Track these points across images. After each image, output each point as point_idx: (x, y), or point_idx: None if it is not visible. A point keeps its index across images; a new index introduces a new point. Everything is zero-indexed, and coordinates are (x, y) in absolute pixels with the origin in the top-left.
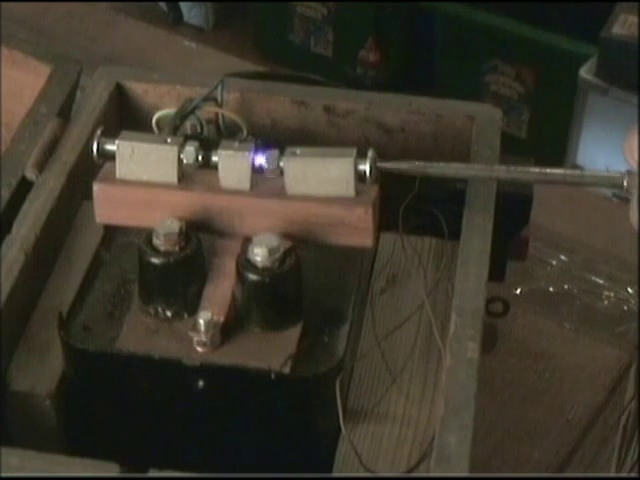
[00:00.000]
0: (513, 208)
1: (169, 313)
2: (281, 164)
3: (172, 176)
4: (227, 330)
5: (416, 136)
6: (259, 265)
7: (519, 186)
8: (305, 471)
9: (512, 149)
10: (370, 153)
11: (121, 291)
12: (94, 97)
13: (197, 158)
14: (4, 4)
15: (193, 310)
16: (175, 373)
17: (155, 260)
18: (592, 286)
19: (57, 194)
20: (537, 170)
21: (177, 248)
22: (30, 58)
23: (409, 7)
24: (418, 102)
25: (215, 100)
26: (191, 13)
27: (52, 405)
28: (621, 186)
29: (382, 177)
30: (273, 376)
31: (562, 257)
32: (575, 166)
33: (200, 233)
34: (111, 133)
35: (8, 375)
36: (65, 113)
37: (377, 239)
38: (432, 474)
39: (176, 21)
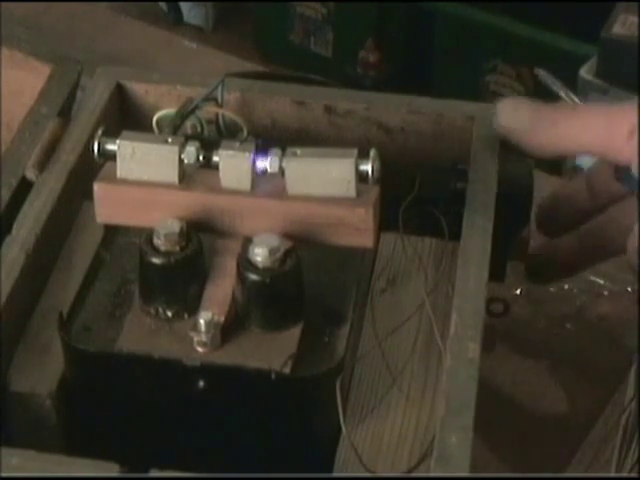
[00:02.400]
0: (513, 208)
1: (169, 313)
2: (282, 164)
3: (173, 176)
4: (227, 330)
5: (416, 136)
6: (260, 265)
7: (519, 186)
8: (305, 471)
9: (512, 149)
10: (372, 153)
11: (121, 291)
12: (94, 97)
13: (198, 158)
14: (4, 4)
15: (193, 310)
16: (175, 373)
17: (156, 260)
18: (592, 286)
19: (57, 194)
20: None
21: (178, 248)
22: (30, 58)
23: (409, 7)
24: (418, 102)
25: (215, 100)
26: (191, 13)
27: (52, 405)
28: None
29: (382, 177)
30: (273, 376)
31: None
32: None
33: (201, 233)
34: (111, 133)
35: (8, 375)
36: (65, 113)
37: (377, 239)
38: (432, 474)
39: (176, 21)
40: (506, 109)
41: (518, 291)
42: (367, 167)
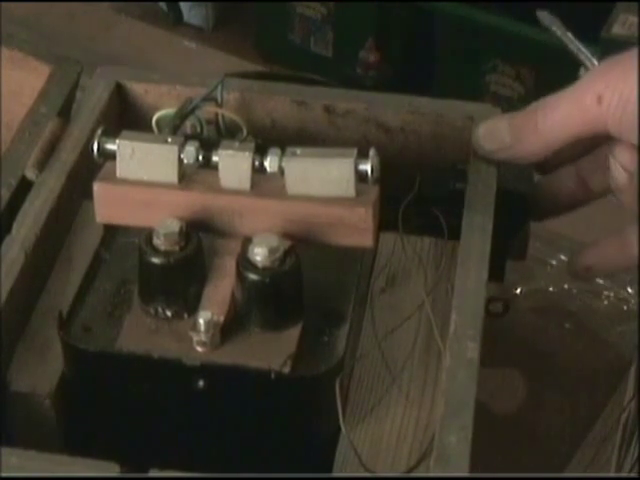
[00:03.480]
0: (513, 208)
1: (169, 313)
2: (282, 164)
3: (172, 176)
4: (227, 330)
5: (416, 136)
6: (259, 265)
7: (518, 185)
8: (305, 471)
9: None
10: (372, 153)
11: (121, 291)
12: (94, 97)
13: (198, 158)
14: (4, 4)
15: (193, 310)
16: (175, 373)
17: (155, 260)
18: (592, 286)
19: (57, 194)
20: None
21: (177, 248)
22: (30, 58)
23: (409, 7)
24: (418, 102)
25: (215, 100)
26: (191, 13)
27: (52, 405)
28: None
29: (382, 177)
30: (273, 376)
31: (562, 257)
32: None
33: (200, 233)
34: (111, 133)
35: (8, 375)
36: (65, 113)
37: (377, 239)
38: (432, 474)
39: (176, 21)
40: (485, 135)
41: (518, 291)
42: (367, 167)
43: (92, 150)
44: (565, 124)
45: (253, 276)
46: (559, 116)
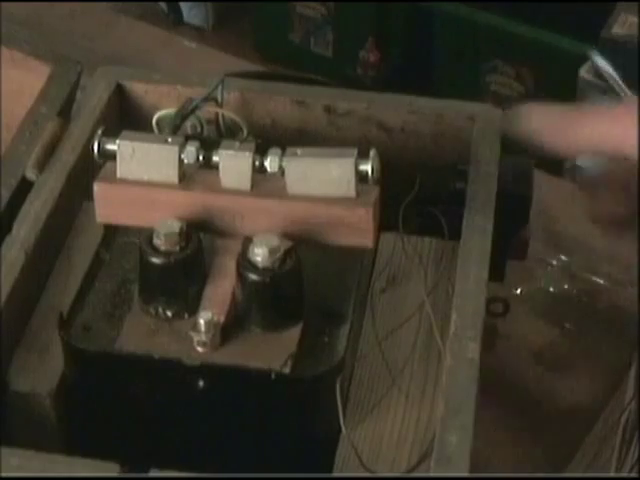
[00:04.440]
0: (512, 208)
1: (169, 313)
2: (282, 164)
3: (173, 176)
4: (227, 330)
5: (416, 136)
6: (259, 265)
7: (518, 186)
8: (305, 471)
9: (513, 149)
10: (372, 153)
11: (121, 291)
12: (94, 97)
13: (198, 158)
14: (4, 4)
15: (193, 310)
16: (175, 373)
17: (156, 260)
18: (592, 286)
19: (57, 194)
20: None
21: (178, 248)
22: (30, 58)
23: (409, 7)
24: (418, 102)
25: (215, 100)
26: (191, 13)
27: (52, 405)
28: None
29: (382, 177)
30: (273, 376)
31: (562, 257)
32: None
33: (201, 233)
34: (111, 133)
35: (8, 375)
36: (65, 113)
37: (377, 239)
38: (432, 474)
39: (176, 21)
40: (535, 112)
41: (518, 291)
42: (367, 167)
43: (92, 150)
44: (611, 135)
45: (253, 276)
46: (608, 126)
